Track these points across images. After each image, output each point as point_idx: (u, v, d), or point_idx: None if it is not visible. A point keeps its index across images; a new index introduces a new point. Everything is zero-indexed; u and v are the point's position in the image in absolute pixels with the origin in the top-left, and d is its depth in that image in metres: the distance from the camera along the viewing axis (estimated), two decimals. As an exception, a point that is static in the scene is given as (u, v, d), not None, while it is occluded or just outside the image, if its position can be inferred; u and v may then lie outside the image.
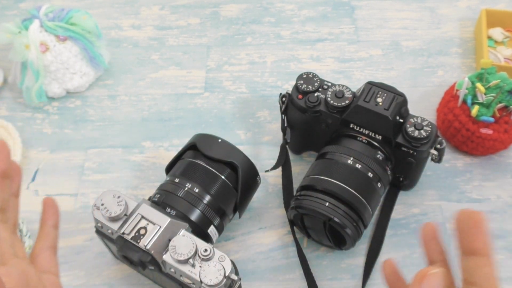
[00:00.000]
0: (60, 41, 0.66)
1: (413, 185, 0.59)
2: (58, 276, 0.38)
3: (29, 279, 0.33)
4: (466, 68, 0.71)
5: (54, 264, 0.38)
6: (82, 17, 0.67)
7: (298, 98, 0.56)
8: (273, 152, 0.63)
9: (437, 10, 0.78)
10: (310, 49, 0.74)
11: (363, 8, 0.79)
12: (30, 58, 0.64)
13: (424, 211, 0.58)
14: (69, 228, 0.58)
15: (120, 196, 0.46)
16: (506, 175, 0.61)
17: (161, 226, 0.45)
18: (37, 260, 0.37)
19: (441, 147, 0.52)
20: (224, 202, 0.51)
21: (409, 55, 0.73)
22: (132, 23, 0.78)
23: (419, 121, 0.52)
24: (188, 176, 0.51)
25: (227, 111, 0.68)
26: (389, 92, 0.52)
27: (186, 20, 0.78)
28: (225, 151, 0.52)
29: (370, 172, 0.51)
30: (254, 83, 0.70)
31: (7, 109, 0.68)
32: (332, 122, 0.55)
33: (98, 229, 0.49)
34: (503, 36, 0.72)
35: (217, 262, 0.43)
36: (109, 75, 0.72)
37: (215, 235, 0.51)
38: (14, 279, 0.31)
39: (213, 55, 0.74)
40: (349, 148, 0.52)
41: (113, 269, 0.55)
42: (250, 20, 0.78)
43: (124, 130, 0.66)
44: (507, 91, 0.57)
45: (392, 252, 0.55)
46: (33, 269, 0.35)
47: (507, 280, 0.53)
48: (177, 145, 0.64)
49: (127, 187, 0.61)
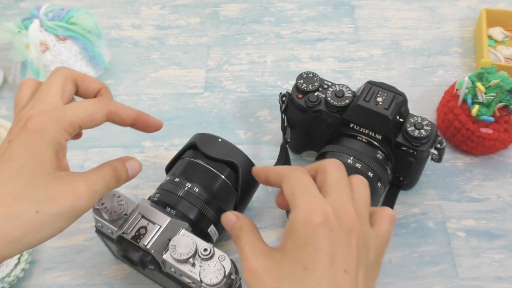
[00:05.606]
0: (60, 40, 0.66)
1: (413, 184, 0.59)
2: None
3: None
4: (466, 67, 0.71)
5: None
6: (82, 16, 0.67)
7: (298, 97, 0.56)
8: (273, 151, 0.63)
9: (437, 9, 0.78)
10: (310, 49, 0.74)
11: (363, 7, 0.79)
12: (30, 57, 0.64)
13: (424, 211, 0.58)
14: (69, 228, 0.57)
15: (120, 195, 0.46)
16: (506, 174, 0.61)
17: (161, 226, 0.45)
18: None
19: (441, 147, 0.52)
20: (224, 202, 0.51)
21: (409, 54, 0.73)
22: (132, 22, 0.78)
23: (419, 121, 0.52)
24: (188, 175, 0.51)
25: (227, 110, 0.68)
26: (389, 91, 0.52)
27: (186, 20, 0.78)
28: (225, 150, 0.52)
29: (370, 171, 0.51)
30: (254, 83, 0.70)
31: (7, 109, 0.68)
32: (332, 121, 0.55)
33: (98, 228, 0.49)
34: (503, 35, 0.72)
35: (217, 261, 0.43)
36: (109, 75, 0.72)
37: (215, 235, 0.51)
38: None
39: (213, 54, 0.74)
40: (349, 148, 0.52)
41: (113, 268, 0.55)
42: (250, 20, 0.78)
43: (124, 130, 0.65)
44: (507, 91, 0.57)
45: (392, 252, 0.55)
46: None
47: (507, 280, 0.53)
48: (177, 145, 0.64)
49: (127, 186, 0.61)
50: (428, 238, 0.56)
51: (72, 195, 0.34)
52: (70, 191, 0.34)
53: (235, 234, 0.36)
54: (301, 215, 0.32)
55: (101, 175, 0.36)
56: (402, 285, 0.53)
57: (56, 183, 0.34)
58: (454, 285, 0.53)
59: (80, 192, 0.34)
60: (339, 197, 0.33)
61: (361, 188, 0.35)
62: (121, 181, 0.38)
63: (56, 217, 0.33)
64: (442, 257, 0.55)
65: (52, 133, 0.34)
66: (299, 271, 0.31)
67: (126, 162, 0.39)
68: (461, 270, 0.54)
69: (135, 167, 0.39)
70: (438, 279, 0.53)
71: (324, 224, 0.31)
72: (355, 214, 0.33)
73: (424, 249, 0.55)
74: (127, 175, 0.38)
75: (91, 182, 0.35)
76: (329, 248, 0.31)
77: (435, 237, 0.56)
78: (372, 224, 0.35)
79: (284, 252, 0.32)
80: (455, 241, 0.56)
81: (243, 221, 0.36)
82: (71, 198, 0.34)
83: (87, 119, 0.36)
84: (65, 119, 0.35)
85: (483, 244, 0.55)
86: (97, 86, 0.40)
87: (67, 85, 0.38)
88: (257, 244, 0.34)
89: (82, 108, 0.36)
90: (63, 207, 0.33)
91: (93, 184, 0.35)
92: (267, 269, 0.32)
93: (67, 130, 0.35)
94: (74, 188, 0.34)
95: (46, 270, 0.55)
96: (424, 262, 0.54)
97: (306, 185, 0.34)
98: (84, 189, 0.34)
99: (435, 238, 0.56)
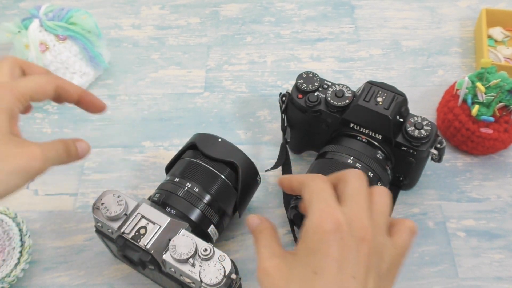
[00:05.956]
0: (60, 40, 0.66)
1: (413, 184, 0.59)
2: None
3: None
4: (466, 67, 0.71)
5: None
6: (81, 16, 0.67)
7: (298, 97, 0.56)
8: (273, 151, 0.63)
9: (437, 9, 0.78)
10: (310, 49, 0.74)
11: (363, 7, 0.79)
12: (29, 57, 0.64)
13: (424, 211, 0.58)
14: (69, 228, 0.58)
15: (120, 195, 0.46)
16: (506, 174, 0.61)
17: (161, 226, 0.45)
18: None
19: (441, 147, 0.52)
20: (224, 202, 0.51)
21: (409, 54, 0.73)
22: (132, 22, 0.78)
23: (419, 121, 0.52)
24: (188, 175, 0.51)
25: (227, 110, 0.68)
26: (389, 91, 0.52)
27: (186, 20, 0.78)
28: (225, 150, 0.52)
29: (370, 171, 0.51)
30: (254, 83, 0.70)
31: (7, 109, 0.68)
32: (332, 121, 0.55)
33: (98, 228, 0.49)
34: (503, 35, 0.72)
35: (217, 261, 0.43)
36: (109, 75, 0.72)
37: (215, 235, 0.51)
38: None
39: (213, 54, 0.74)
40: (349, 148, 0.52)
41: (113, 268, 0.55)
42: (250, 20, 0.78)
43: (124, 130, 0.66)
44: (507, 91, 0.57)
45: (392, 252, 0.55)
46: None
47: (507, 280, 0.53)
48: (177, 145, 0.64)
49: (127, 186, 0.61)
50: (428, 238, 0.56)
51: (25, 156, 0.36)
52: (24, 152, 0.36)
53: (256, 235, 0.38)
54: (314, 221, 0.33)
55: (53, 145, 0.39)
56: (402, 285, 0.53)
57: (11, 144, 0.37)
58: (454, 285, 0.53)
59: (34, 154, 0.37)
60: (355, 206, 0.34)
61: (381, 198, 0.36)
62: (71, 156, 0.40)
63: (10, 175, 0.36)
64: (442, 257, 0.55)
65: (6, 102, 0.38)
66: (309, 274, 0.32)
67: (76, 142, 0.41)
68: (461, 270, 0.54)
69: (84, 147, 0.42)
70: (438, 279, 0.53)
71: (335, 231, 0.32)
72: (368, 223, 0.33)
73: (424, 249, 0.55)
74: (77, 152, 0.41)
75: (44, 147, 0.38)
76: (338, 254, 0.32)
77: (435, 237, 0.56)
78: (391, 235, 0.35)
79: (297, 256, 0.34)
80: (455, 241, 0.56)
81: (264, 224, 0.38)
82: (25, 158, 0.36)
83: (37, 90, 0.40)
84: (18, 90, 0.39)
85: (483, 244, 0.55)
86: (42, 71, 0.43)
87: (14, 69, 0.41)
88: (273, 247, 0.36)
89: (33, 81, 0.40)
90: (18, 166, 0.36)
91: (46, 150, 0.38)
92: (279, 270, 0.34)
93: (19, 99, 0.39)
94: (28, 150, 0.37)
95: (46, 270, 0.55)
96: (424, 262, 0.54)
97: (323, 193, 0.35)
98: (37, 151, 0.37)
99: (435, 238, 0.56)
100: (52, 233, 0.57)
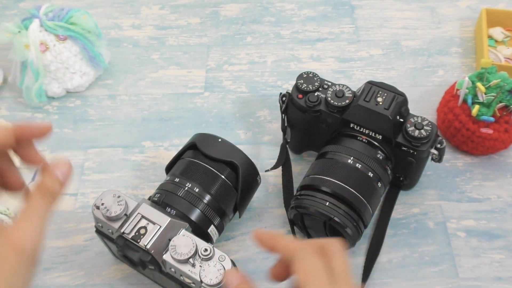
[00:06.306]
0: (60, 40, 0.66)
1: (413, 184, 0.59)
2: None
3: None
4: (466, 67, 0.71)
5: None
6: (82, 16, 0.67)
7: (298, 97, 0.56)
8: (273, 151, 0.63)
9: (438, 9, 0.78)
10: (310, 49, 0.74)
11: (363, 7, 0.79)
12: (30, 57, 0.64)
13: (424, 211, 0.58)
14: (69, 228, 0.58)
15: (120, 195, 0.46)
16: (506, 174, 0.61)
17: (161, 226, 0.45)
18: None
19: (441, 147, 0.52)
20: (224, 202, 0.51)
21: (409, 54, 0.73)
22: (132, 22, 0.78)
23: (419, 121, 0.52)
24: (188, 175, 0.51)
25: (227, 110, 0.68)
26: (389, 91, 0.52)
27: (186, 20, 0.78)
28: (225, 150, 0.52)
29: (370, 171, 0.51)
30: (254, 83, 0.70)
31: (7, 109, 0.68)
32: (332, 121, 0.55)
33: (98, 228, 0.49)
34: (503, 35, 0.72)
35: (217, 261, 0.43)
36: (109, 75, 0.72)
37: (215, 235, 0.51)
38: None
39: (213, 54, 0.74)
40: (349, 148, 0.52)
41: (113, 269, 0.55)
42: (250, 20, 0.78)
43: (124, 130, 0.66)
44: (507, 91, 0.57)
45: (392, 252, 0.55)
46: None
47: (507, 280, 0.53)
48: (177, 145, 0.64)
49: (127, 186, 0.61)
50: (428, 238, 0.56)
51: (15, 256, 0.31)
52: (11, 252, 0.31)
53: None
54: None
55: (33, 216, 0.33)
56: (402, 285, 0.53)
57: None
58: (454, 285, 0.53)
59: (25, 252, 0.31)
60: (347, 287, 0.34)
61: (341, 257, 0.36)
62: (56, 195, 0.35)
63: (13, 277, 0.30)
64: (442, 257, 0.54)
65: None
66: None
67: (54, 171, 0.35)
68: (461, 270, 0.54)
69: (65, 171, 0.35)
70: (438, 279, 0.53)
71: None
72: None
73: (424, 249, 0.55)
74: (60, 185, 0.35)
75: (27, 235, 0.32)
76: None
77: (435, 237, 0.56)
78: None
79: None
80: (455, 241, 0.56)
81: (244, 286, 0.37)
82: (16, 259, 0.31)
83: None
84: None
85: (483, 244, 0.55)
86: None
87: None
88: None
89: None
90: (11, 267, 0.30)
91: (30, 235, 0.32)
92: None
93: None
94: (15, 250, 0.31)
95: (46, 270, 0.55)
96: (424, 262, 0.54)
97: (320, 276, 0.34)
98: (26, 246, 0.31)
99: (435, 238, 0.56)
100: (52, 233, 0.57)
